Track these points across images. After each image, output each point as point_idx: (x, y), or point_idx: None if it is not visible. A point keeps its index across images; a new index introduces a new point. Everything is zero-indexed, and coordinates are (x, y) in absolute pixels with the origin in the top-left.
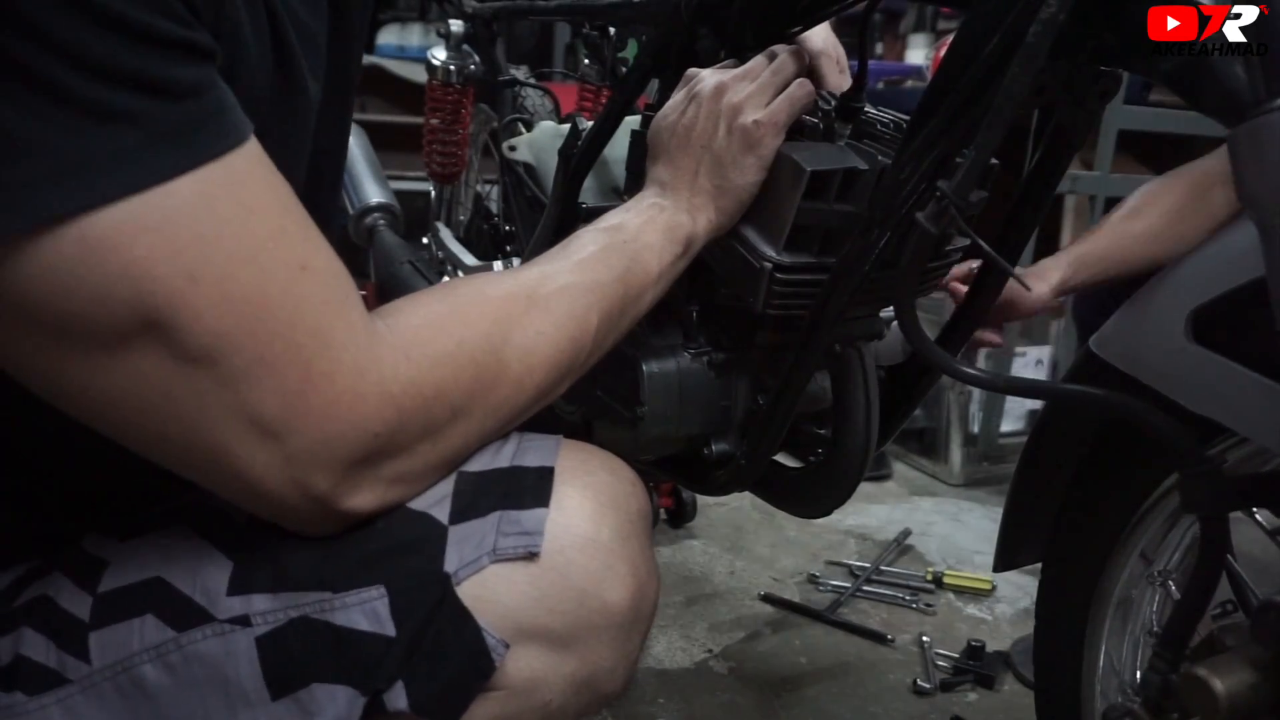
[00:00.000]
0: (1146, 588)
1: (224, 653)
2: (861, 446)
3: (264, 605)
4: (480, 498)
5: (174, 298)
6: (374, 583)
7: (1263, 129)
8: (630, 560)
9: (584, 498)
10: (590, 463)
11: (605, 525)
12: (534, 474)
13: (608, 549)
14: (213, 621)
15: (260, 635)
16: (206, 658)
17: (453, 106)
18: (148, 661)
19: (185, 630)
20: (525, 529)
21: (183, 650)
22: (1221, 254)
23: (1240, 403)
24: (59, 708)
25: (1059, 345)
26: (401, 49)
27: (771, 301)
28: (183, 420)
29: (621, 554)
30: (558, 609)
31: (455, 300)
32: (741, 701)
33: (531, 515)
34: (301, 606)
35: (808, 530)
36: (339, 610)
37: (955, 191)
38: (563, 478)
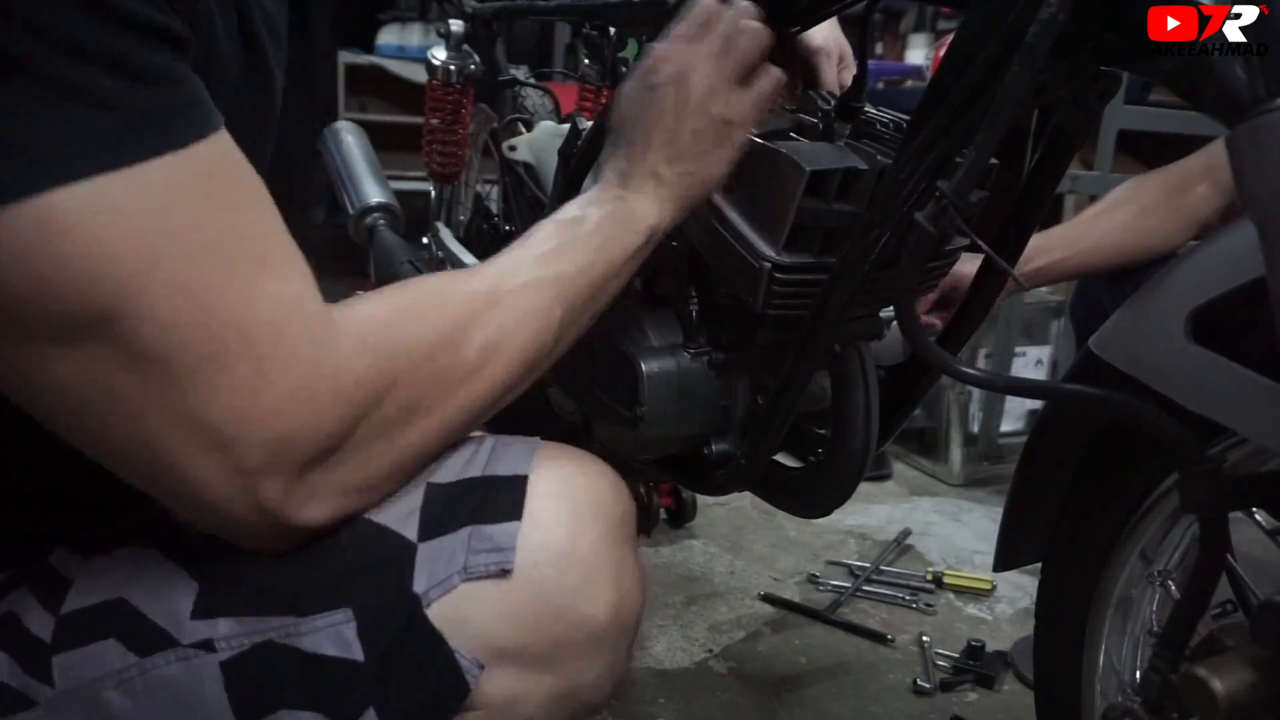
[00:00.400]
0: (1146, 587)
1: (189, 679)
2: (861, 446)
3: (228, 630)
4: (450, 512)
5: (130, 284)
6: (341, 605)
7: (1263, 129)
8: (611, 571)
9: (560, 507)
10: (567, 468)
11: (583, 536)
12: (507, 484)
13: (586, 561)
14: (176, 646)
15: (225, 660)
16: (171, 683)
17: (453, 106)
18: (112, 687)
19: (148, 655)
20: (497, 544)
21: (146, 676)
22: (1221, 254)
23: (1240, 403)
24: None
25: (1059, 345)
26: (401, 49)
27: (771, 301)
28: (128, 419)
29: (601, 565)
30: (534, 627)
31: (417, 295)
32: (741, 701)
33: (503, 530)
34: (267, 631)
35: (808, 530)
36: (305, 635)
37: (955, 191)
38: (538, 486)
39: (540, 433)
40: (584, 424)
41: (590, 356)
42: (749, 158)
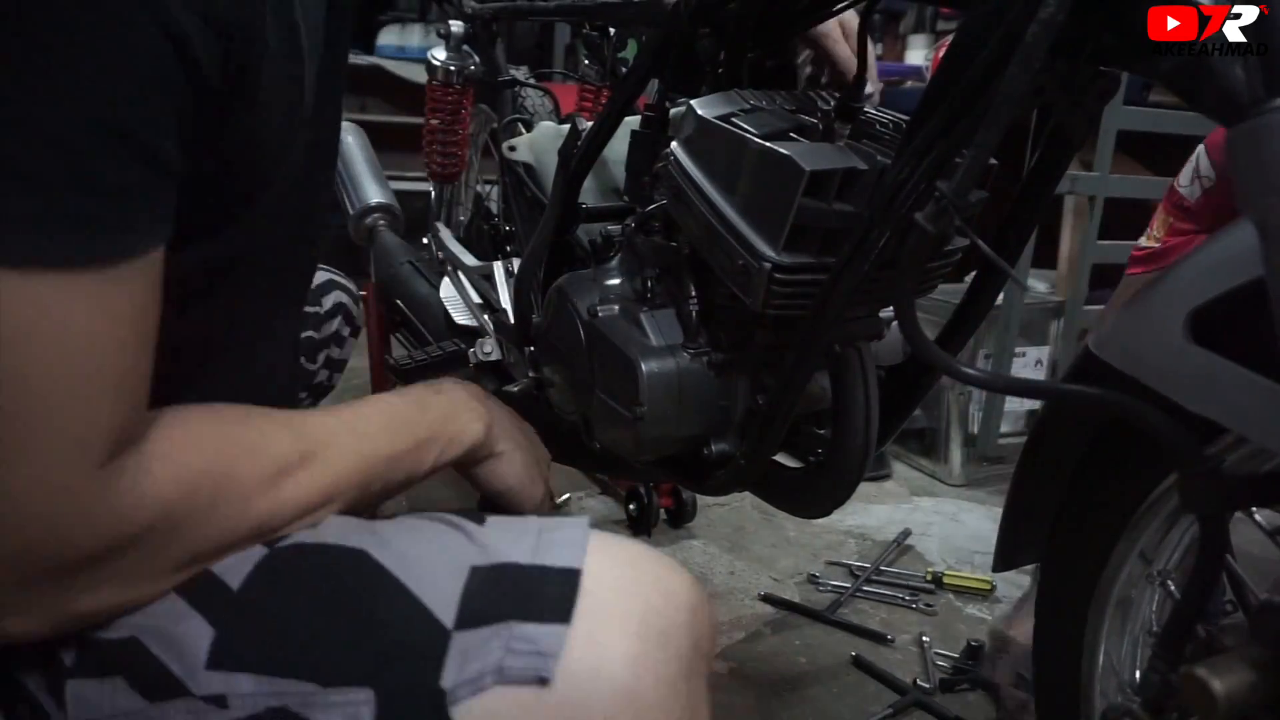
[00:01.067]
0: (1146, 588)
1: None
2: (861, 446)
3: (246, 687)
4: (492, 602)
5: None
6: (364, 684)
7: (1262, 129)
8: (676, 714)
9: (624, 630)
10: (641, 579)
11: (648, 671)
12: (556, 578)
13: (649, 703)
14: (188, 697)
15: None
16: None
17: (453, 106)
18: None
19: (158, 702)
20: (538, 648)
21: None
22: (1221, 254)
23: (1239, 403)
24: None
25: (1059, 345)
26: (401, 49)
27: (771, 302)
28: None
29: (667, 710)
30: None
31: (225, 428)
32: (741, 701)
33: (547, 632)
34: (284, 696)
35: (808, 530)
36: (320, 708)
37: (954, 192)
38: (596, 591)
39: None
40: (584, 424)
41: (590, 356)
42: (749, 158)
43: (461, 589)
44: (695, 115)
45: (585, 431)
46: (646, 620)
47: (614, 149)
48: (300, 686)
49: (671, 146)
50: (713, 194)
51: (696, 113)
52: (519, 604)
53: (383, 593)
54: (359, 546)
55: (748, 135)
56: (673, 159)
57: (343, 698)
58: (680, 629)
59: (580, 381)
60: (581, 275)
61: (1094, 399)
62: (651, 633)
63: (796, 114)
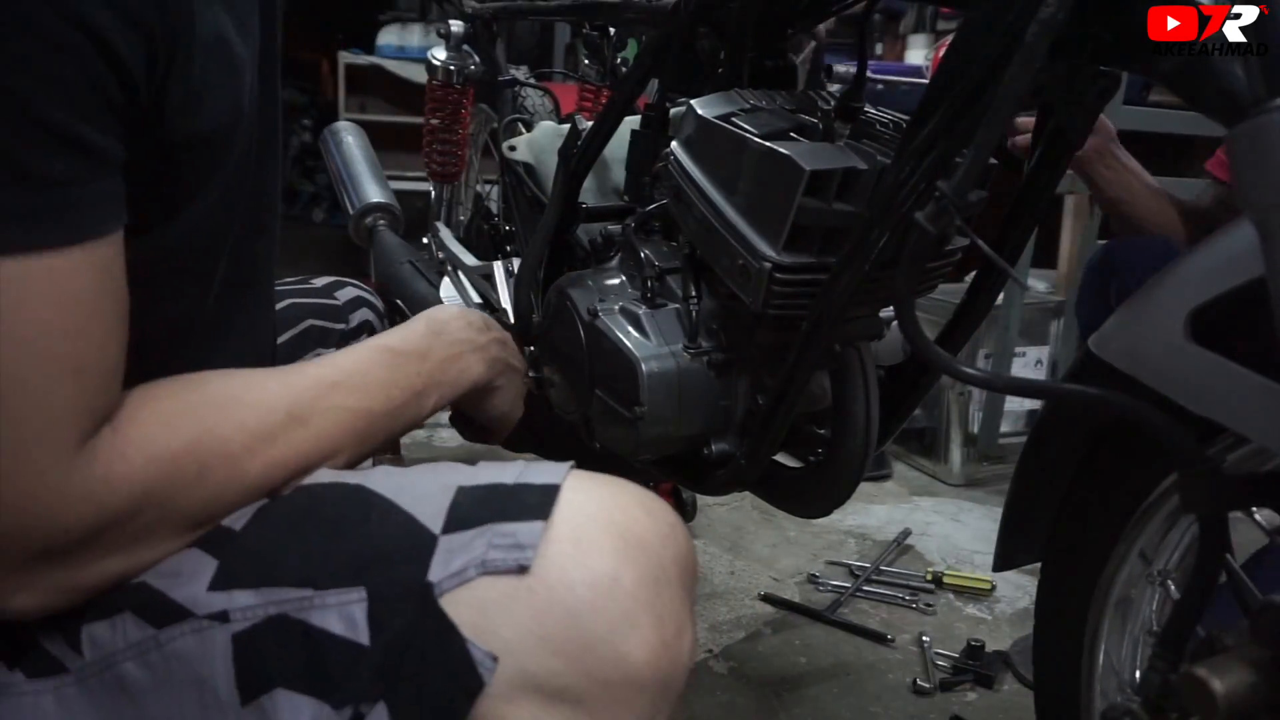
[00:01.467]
0: (1146, 587)
1: (201, 652)
2: (861, 446)
3: (245, 601)
4: (476, 511)
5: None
6: (356, 585)
7: (1263, 129)
8: (657, 614)
9: (606, 533)
10: (620, 497)
11: (629, 567)
12: (537, 490)
13: (629, 594)
14: (191, 618)
15: (238, 633)
16: (184, 656)
17: (453, 106)
18: (129, 659)
19: (164, 627)
20: (518, 541)
21: (162, 649)
22: (1221, 254)
23: (1239, 403)
24: (53, 696)
25: (1059, 345)
26: (401, 49)
27: (771, 301)
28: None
29: (646, 604)
30: (563, 651)
31: (203, 396)
32: (741, 701)
33: (526, 528)
34: (283, 604)
35: (808, 530)
36: (317, 610)
37: (954, 191)
38: (575, 501)
39: (540, 432)
40: (584, 424)
41: (590, 356)
42: (749, 157)
43: (449, 503)
44: (695, 115)
45: (585, 431)
46: (627, 528)
47: (614, 149)
48: (297, 593)
49: (671, 146)
50: (713, 194)
51: (696, 113)
52: (501, 510)
53: (374, 510)
54: (354, 482)
55: (748, 135)
56: (673, 159)
57: (337, 599)
58: (661, 540)
59: (580, 381)
60: (581, 275)
61: (1094, 399)
62: (631, 538)
63: (796, 114)
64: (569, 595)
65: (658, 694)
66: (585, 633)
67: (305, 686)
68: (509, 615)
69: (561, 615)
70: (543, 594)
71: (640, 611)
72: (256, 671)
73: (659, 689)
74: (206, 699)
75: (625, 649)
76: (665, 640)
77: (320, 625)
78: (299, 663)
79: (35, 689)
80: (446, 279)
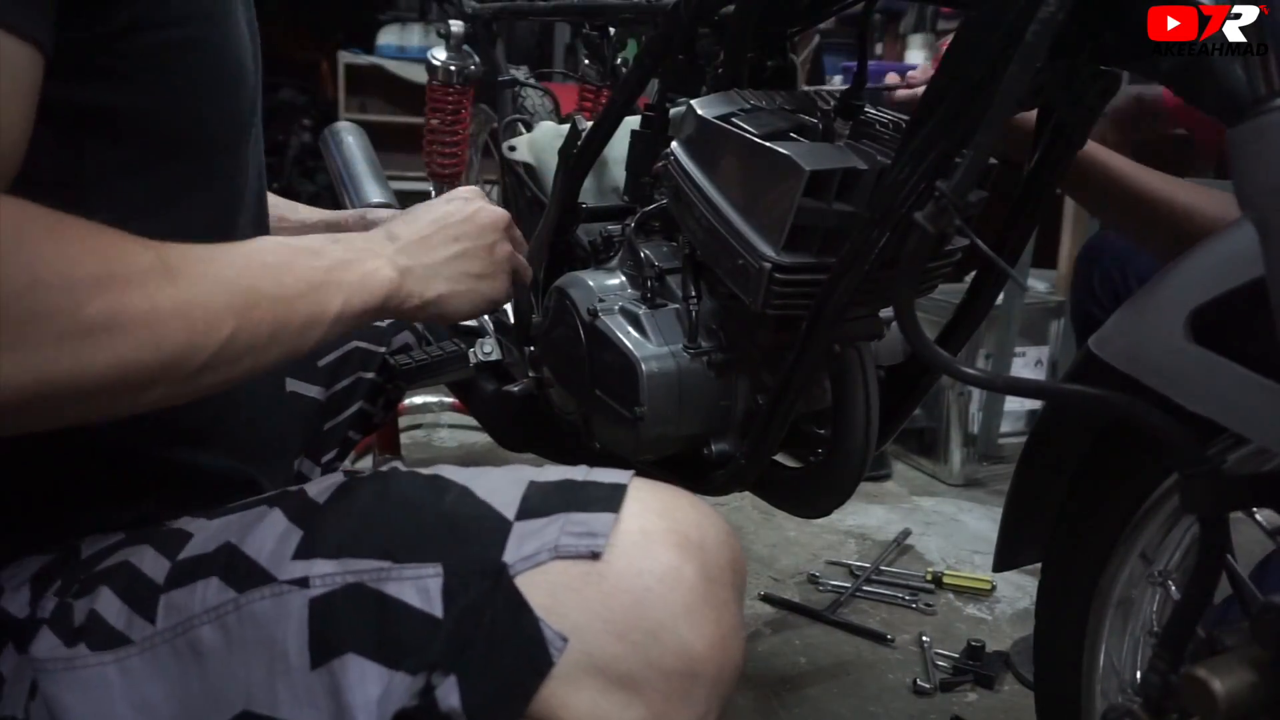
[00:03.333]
0: (1146, 588)
1: (277, 615)
2: (861, 446)
3: (325, 569)
4: (548, 502)
5: None
6: (433, 560)
7: (1263, 129)
8: (716, 608)
9: (670, 531)
10: (680, 501)
11: (691, 564)
12: (607, 487)
13: (691, 587)
14: (273, 582)
15: (314, 597)
16: (260, 619)
17: (453, 106)
18: (207, 623)
19: (245, 591)
20: (590, 530)
21: (240, 611)
22: (1221, 254)
23: (1240, 403)
24: (116, 666)
25: (1059, 345)
26: (401, 49)
27: (771, 301)
28: None
29: (707, 598)
30: (628, 637)
31: (73, 225)
32: (741, 701)
33: (597, 518)
34: (360, 573)
35: (808, 530)
36: (393, 581)
37: (954, 191)
38: (645, 503)
39: (539, 432)
40: (584, 424)
41: (590, 356)
42: (749, 157)
43: (522, 494)
44: (695, 115)
45: (585, 431)
46: (688, 530)
47: (614, 149)
48: (376, 564)
49: (671, 146)
50: (713, 194)
51: (696, 113)
52: (573, 501)
53: (450, 493)
54: (430, 472)
55: (748, 135)
56: (673, 159)
57: (414, 572)
58: (718, 546)
59: (580, 382)
60: (581, 275)
61: (1094, 399)
62: (693, 538)
63: (796, 114)
64: (636, 582)
65: (712, 687)
66: (650, 620)
67: (376, 653)
68: (579, 598)
69: (629, 601)
70: (611, 580)
71: (701, 604)
72: (329, 636)
73: (714, 682)
74: (275, 662)
75: (687, 638)
76: (723, 634)
77: (395, 595)
78: (372, 630)
79: (98, 660)
80: None
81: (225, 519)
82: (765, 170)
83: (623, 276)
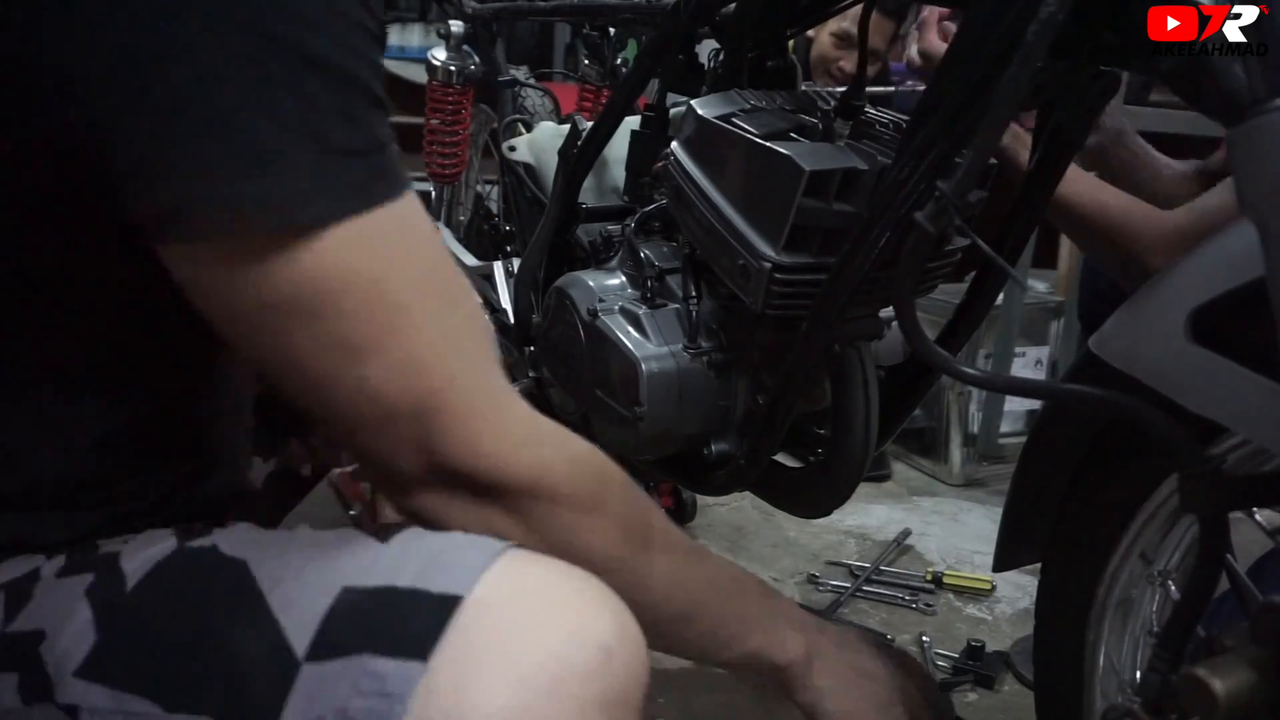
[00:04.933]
0: (1146, 588)
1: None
2: (861, 446)
3: (98, 700)
4: (352, 630)
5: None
6: (204, 713)
7: (1262, 129)
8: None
9: (504, 675)
10: (544, 613)
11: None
12: (430, 606)
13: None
14: (49, 703)
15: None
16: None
17: (453, 107)
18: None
19: (30, 705)
20: (386, 689)
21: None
22: (1221, 254)
23: (1240, 403)
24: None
25: (1059, 345)
26: (401, 49)
27: (771, 302)
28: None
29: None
30: None
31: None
32: (741, 701)
33: (400, 670)
34: (131, 715)
35: (808, 530)
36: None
37: (954, 191)
38: (481, 629)
39: None
40: (584, 424)
41: (590, 356)
42: (749, 158)
43: (325, 611)
44: (695, 115)
45: (585, 431)
46: (539, 665)
47: (614, 149)
48: (148, 707)
49: (671, 146)
50: (713, 194)
51: (696, 113)
52: (378, 634)
53: (245, 613)
54: (241, 557)
55: (748, 135)
56: (673, 159)
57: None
58: (586, 678)
59: (580, 382)
60: (581, 275)
61: (1094, 399)
62: (542, 680)
63: (796, 114)
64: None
65: None
66: None
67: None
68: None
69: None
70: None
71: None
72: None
73: None
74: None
75: None
76: None
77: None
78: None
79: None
80: None
81: (55, 583)
82: (765, 170)
83: (623, 276)
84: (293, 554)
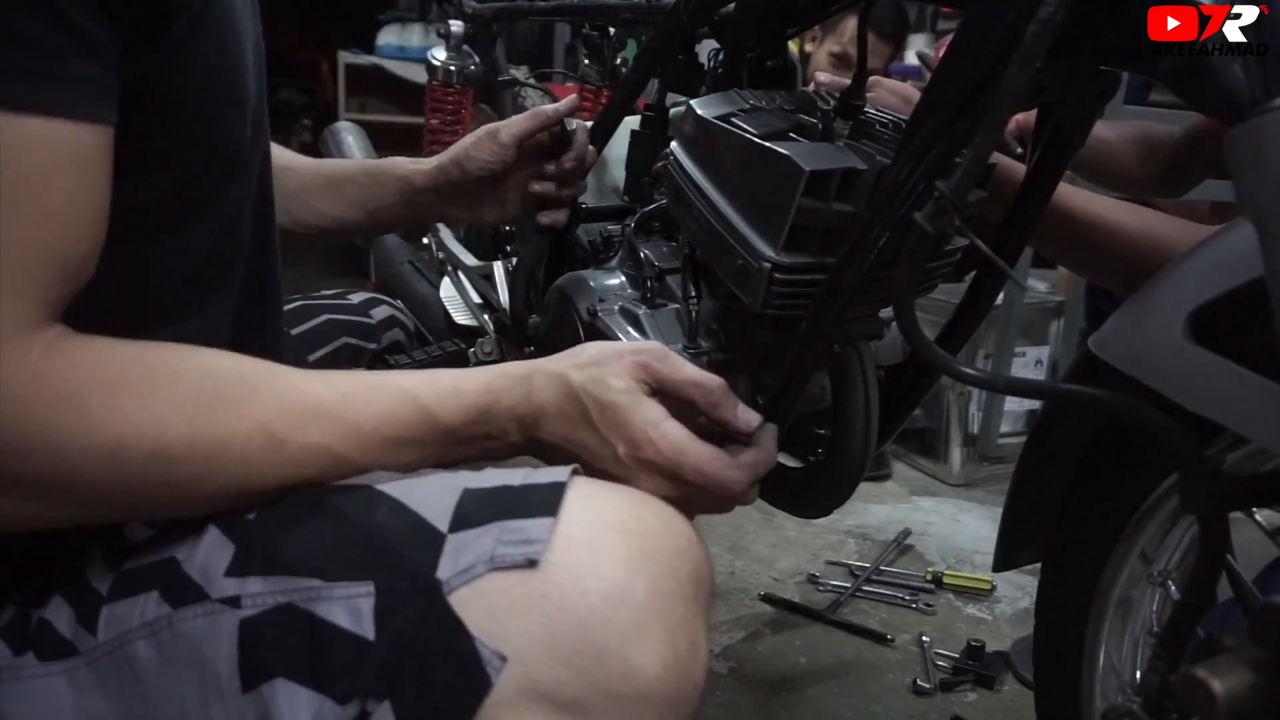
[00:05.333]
0: (1146, 588)
1: (209, 634)
2: (861, 446)
3: (257, 587)
4: (482, 511)
5: None
6: (365, 579)
7: (1263, 129)
8: (669, 627)
9: (620, 542)
10: (636, 506)
11: (642, 578)
12: (544, 489)
13: (640, 605)
14: (205, 600)
15: (246, 618)
16: (193, 637)
17: (453, 106)
18: (142, 638)
19: (179, 608)
20: (527, 537)
21: (173, 628)
22: (1221, 254)
23: (1240, 403)
24: (65, 678)
25: (1059, 345)
26: (401, 49)
27: (770, 302)
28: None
29: (659, 617)
30: (572, 661)
31: (183, 366)
32: (741, 701)
33: (535, 524)
34: (291, 592)
35: (808, 530)
36: (324, 601)
37: (953, 191)
38: (593, 509)
39: None
40: None
41: None
42: (749, 158)
43: (455, 503)
44: (695, 115)
45: None
46: (643, 536)
47: (614, 149)
48: (306, 583)
49: (671, 146)
50: (713, 194)
51: (696, 113)
52: (508, 509)
53: (382, 507)
54: (360, 481)
55: (748, 135)
56: (673, 159)
57: (345, 591)
58: (677, 554)
59: None
60: (581, 275)
61: (1094, 399)
62: (647, 547)
63: (796, 114)
64: (580, 602)
65: (667, 710)
66: (595, 643)
67: (307, 678)
68: (519, 620)
69: (572, 623)
70: (555, 600)
71: (652, 624)
72: (260, 659)
73: (669, 705)
74: (208, 683)
75: (636, 662)
76: (678, 655)
77: (326, 617)
78: (303, 653)
79: (45, 671)
80: (446, 279)
81: (170, 529)
82: (765, 170)
83: (623, 276)
84: (401, 479)
